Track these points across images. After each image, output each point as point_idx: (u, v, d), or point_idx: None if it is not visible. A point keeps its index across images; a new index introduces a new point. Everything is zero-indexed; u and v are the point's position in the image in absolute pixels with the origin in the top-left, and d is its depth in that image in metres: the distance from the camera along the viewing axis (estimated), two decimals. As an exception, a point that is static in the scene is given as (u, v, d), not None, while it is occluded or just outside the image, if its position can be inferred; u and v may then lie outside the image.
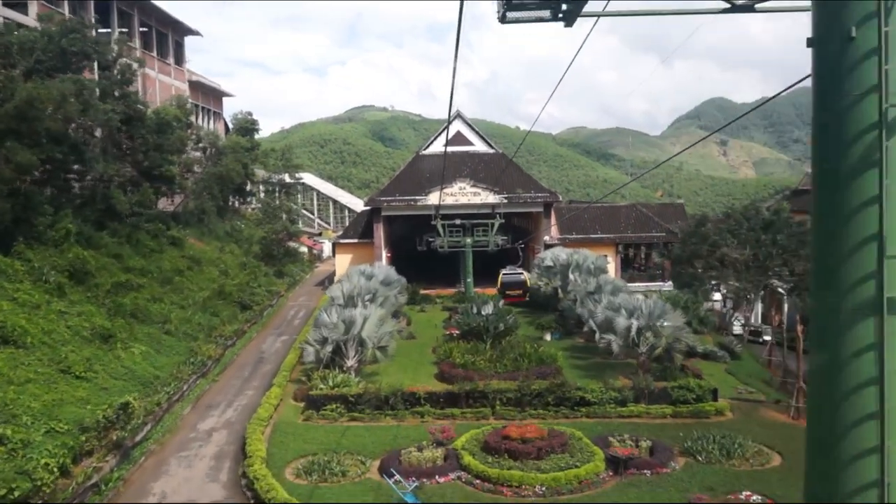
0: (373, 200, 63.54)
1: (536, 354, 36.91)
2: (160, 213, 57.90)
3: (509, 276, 53.68)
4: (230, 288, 51.83)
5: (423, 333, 46.48)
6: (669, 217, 68.95)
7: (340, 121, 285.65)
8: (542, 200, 62.40)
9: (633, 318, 34.86)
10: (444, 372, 35.54)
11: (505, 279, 53.57)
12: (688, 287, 55.05)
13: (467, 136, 68.07)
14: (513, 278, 53.26)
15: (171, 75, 73.69)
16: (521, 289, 52.53)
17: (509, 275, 53.92)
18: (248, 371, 39.09)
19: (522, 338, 42.07)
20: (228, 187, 74.37)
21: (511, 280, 53.09)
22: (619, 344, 34.85)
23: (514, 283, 52.92)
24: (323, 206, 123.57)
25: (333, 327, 33.91)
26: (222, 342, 42.28)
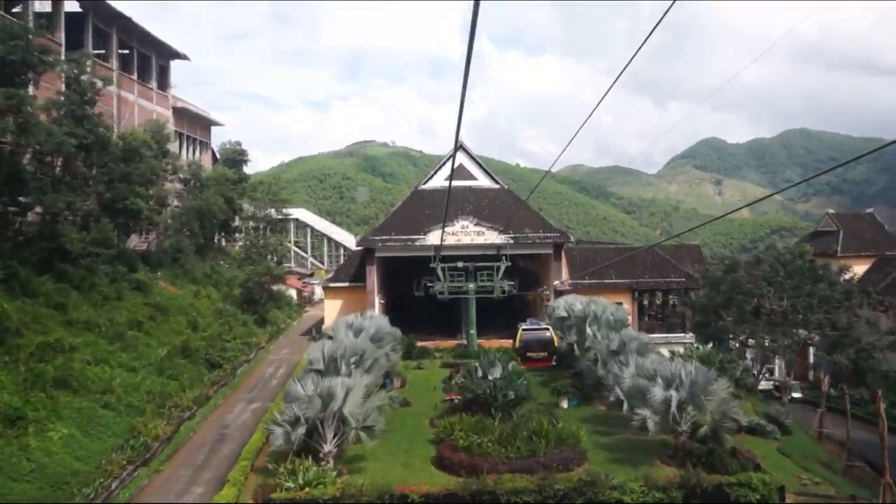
0: (366, 240, 57.18)
1: (555, 432, 30.27)
2: (126, 253, 51.68)
3: (531, 334, 43.04)
4: (197, 343, 45.36)
5: (419, 398, 39.94)
6: (684, 259, 62.91)
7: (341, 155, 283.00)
8: (551, 241, 56.17)
9: (671, 389, 28.41)
10: (443, 457, 28.89)
11: (526, 337, 42.98)
12: (715, 340, 48.86)
13: (470, 169, 61.86)
14: (536, 335, 42.61)
15: (152, 100, 67.68)
16: (546, 350, 42.02)
17: (531, 331, 43.31)
18: (203, 455, 32.32)
19: (535, 406, 35.55)
20: (211, 223, 68.29)
21: (534, 338, 42.44)
22: (655, 421, 28.34)
23: (537, 341, 42.27)
24: (317, 244, 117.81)
25: (308, 403, 27.36)
26: (177, 415, 35.63)
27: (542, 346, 41.71)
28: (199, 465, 30.91)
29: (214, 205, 64.33)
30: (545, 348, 41.54)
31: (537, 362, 41.19)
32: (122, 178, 46.81)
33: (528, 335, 42.80)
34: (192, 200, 65.37)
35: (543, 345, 41.70)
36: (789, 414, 36.86)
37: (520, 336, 42.96)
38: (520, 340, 42.73)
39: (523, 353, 41.56)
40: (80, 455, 27.38)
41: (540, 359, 41.40)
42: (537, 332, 42.80)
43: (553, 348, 41.76)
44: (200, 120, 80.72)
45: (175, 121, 73.29)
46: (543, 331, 42.51)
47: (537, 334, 42.67)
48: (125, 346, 39.21)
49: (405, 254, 56.87)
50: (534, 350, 41.59)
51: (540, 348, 41.65)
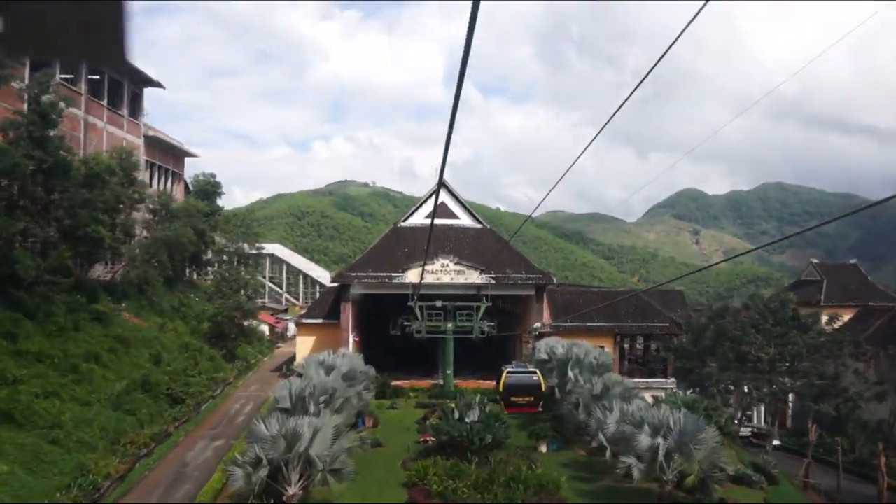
0: (341, 276, 55.35)
1: (534, 478, 28.49)
2: (87, 283, 49.59)
3: (517, 377, 37.65)
4: (159, 377, 43.22)
5: (392, 439, 37.98)
6: (668, 305, 61.45)
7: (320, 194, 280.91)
8: (534, 283, 54.61)
9: (658, 437, 26.75)
10: (416, 503, 26.95)
11: (511, 380, 37.47)
12: (697, 386, 47.39)
13: (452, 208, 60.31)
14: (522, 379, 37.40)
15: (123, 127, 65.76)
16: (532, 395, 37.03)
17: (517, 374, 37.89)
18: (157, 496, 30.01)
19: (513, 449, 33.69)
20: (181, 255, 66.18)
21: (520, 382, 37.22)
22: (640, 469, 26.66)
23: (523, 386, 37.17)
24: (293, 280, 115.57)
25: (272, 443, 25.35)
26: (132, 452, 33.41)
27: (529, 390, 36.93)
28: (154, 508, 28.75)
29: (184, 236, 62.27)
30: (532, 393, 36.73)
31: (522, 408, 36.90)
32: (83, 204, 44.70)
33: (513, 378, 37.53)
34: (160, 231, 63.36)
35: (530, 390, 36.88)
36: (775, 463, 35.29)
37: (504, 379, 37.51)
38: (504, 384, 37.48)
39: (507, 397, 36.92)
40: (20, 494, 25.17)
41: (525, 404, 36.64)
42: (523, 376, 37.67)
43: (540, 394, 37.11)
44: (173, 150, 78.83)
45: (147, 150, 71.31)
46: (530, 374, 37.64)
47: (523, 378, 37.57)
48: (79, 378, 37.14)
49: (382, 291, 55.00)
50: (519, 395, 36.92)
51: (526, 393, 36.92)
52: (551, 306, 56.40)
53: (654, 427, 27.14)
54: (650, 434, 26.97)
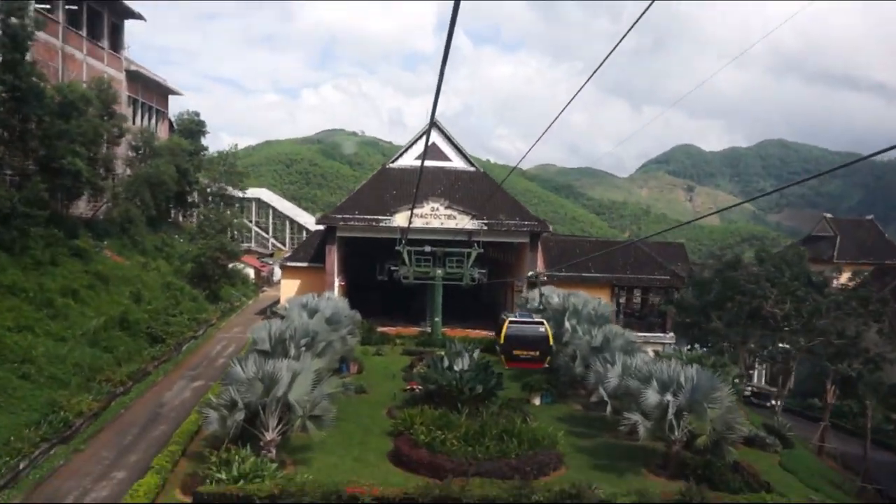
0: (327, 218, 53.35)
1: (529, 432, 26.99)
2: (67, 218, 47.85)
3: (521, 328, 31.15)
4: (138, 315, 41.56)
5: (377, 386, 36.59)
6: (669, 258, 59.75)
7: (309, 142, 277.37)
8: (528, 230, 52.71)
9: (668, 394, 25.13)
10: (401, 452, 25.46)
11: (514, 331, 31.04)
12: (699, 343, 45.83)
13: (444, 149, 58.15)
14: (527, 331, 31.08)
15: (103, 60, 63.08)
16: (538, 348, 30.92)
17: (521, 325, 31.35)
18: (132, 435, 28.42)
19: (505, 401, 32.18)
20: (164, 194, 64.15)
21: (524, 333, 30.94)
22: (646, 427, 25.08)
23: (528, 338, 30.91)
24: (279, 226, 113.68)
25: (248, 386, 23.77)
26: (108, 390, 31.79)
27: (534, 343, 30.93)
28: (125, 446, 27.05)
29: (165, 173, 60.25)
30: (538, 346, 30.82)
31: (526, 363, 31.40)
32: (59, 135, 42.74)
33: (516, 329, 31.08)
34: (142, 168, 61.30)
35: (536, 342, 30.90)
36: (789, 426, 33.53)
37: (505, 329, 31.05)
38: (505, 335, 31.03)
39: (509, 350, 30.80)
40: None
41: (530, 359, 30.85)
42: (528, 327, 31.35)
43: (547, 347, 30.99)
44: (157, 87, 76.17)
45: (129, 85, 68.82)
46: (536, 325, 31.42)
47: (528, 329, 31.25)
48: (54, 314, 35.42)
49: (369, 235, 53.18)
50: (523, 348, 30.80)
51: (531, 346, 30.92)
52: (546, 256, 54.72)
53: (662, 383, 25.54)
54: (658, 390, 25.39)
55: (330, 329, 33.60)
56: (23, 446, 23.92)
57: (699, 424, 24.72)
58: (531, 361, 30.63)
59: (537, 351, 30.13)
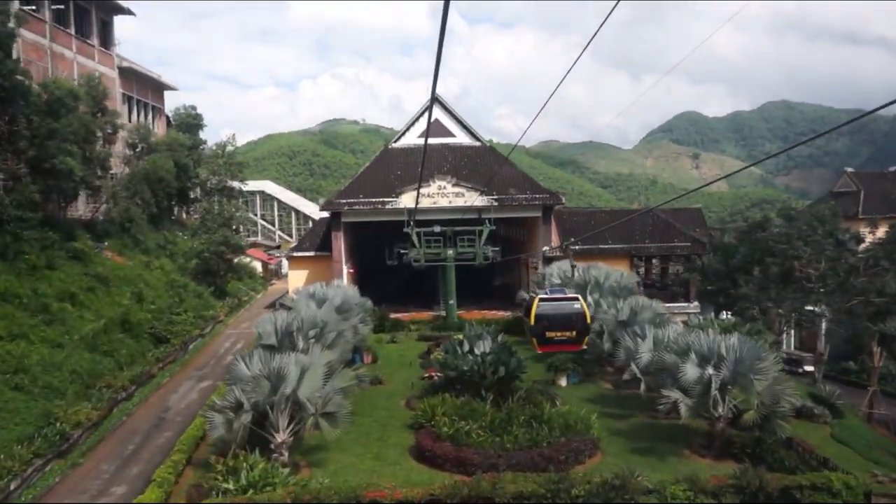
0: (331, 204, 51.32)
1: (559, 417, 25.03)
2: (64, 220, 46.27)
3: (554, 305, 27.20)
4: (141, 316, 39.78)
5: (393, 375, 34.85)
6: (686, 224, 57.57)
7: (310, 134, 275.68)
8: (540, 203, 50.58)
9: (709, 367, 23.11)
10: (424, 447, 23.51)
11: (545, 310, 27.00)
12: (727, 310, 43.74)
13: (447, 125, 56.01)
14: (561, 308, 27.11)
15: (94, 58, 61.08)
16: (574, 328, 26.88)
17: (553, 301, 27.44)
18: (134, 444, 26.64)
19: (530, 383, 30.31)
20: (164, 191, 62.33)
21: (558, 312, 26.94)
22: (688, 405, 23.07)
23: (563, 317, 26.88)
24: (285, 217, 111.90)
25: (254, 385, 21.91)
26: (109, 396, 29.98)
27: (570, 322, 27.07)
28: (126, 457, 25.27)
29: (163, 168, 58.35)
30: (574, 326, 27.00)
31: (562, 345, 27.62)
32: (49, 134, 40.98)
33: (548, 307, 27.12)
34: (139, 165, 59.51)
35: (572, 321, 27.02)
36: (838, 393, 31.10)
37: (536, 308, 27.04)
38: (536, 315, 26.98)
39: (541, 332, 26.95)
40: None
41: (566, 340, 27.06)
42: (562, 304, 27.40)
43: (585, 326, 27.11)
44: (151, 83, 74.17)
45: (123, 83, 66.94)
46: (571, 301, 27.55)
47: (562, 306, 27.32)
48: (50, 319, 33.51)
49: (375, 218, 51.28)
50: (557, 328, 26.91)
51: (566, 326, 27.05)
52: (559, 229, 52.67)
53: (702, 355, 23.43)
54: (697, 363, 23.36)
55: (340, 318, 31.70)
56: (13, 464, 22.06)
57: (745, 398, 22.75)
58: (567, 343, 27.01)
59: (573, 331, 26.40)
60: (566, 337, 26.58)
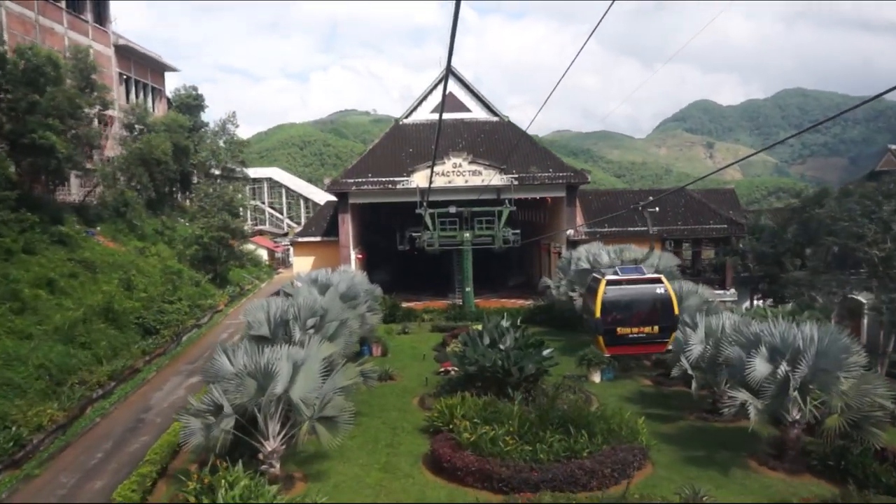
0: (337, 184, 47.62)
1: (601, 421, 21.08)
2: (51, 203, 43.17)
3: (626, 291, 20.33)
4: (127, 304, 36.19)
5: (405, 370, 31.34)
6: (719, 206, 53.68)
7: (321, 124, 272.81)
8: (564, 182, 46.76)
9: (782, 363, 19.22)
10: (441, 457, 19.70)
11: (614, 296, 20.13)
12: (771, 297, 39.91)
13: (463, 99, 52.28)
14: (637, 294, 20.32)
15: (87, 34, 57.61)
16: (658, 322, 20.14)
17: (625, 285, 20.37)
18: (103, 451, 22.89)
19: (560, 380, 26.56)
20: (164, 174, 58.85)
21: (633, 298, 20.27)
22: (758, 408, 19.17)
23: (641, 305, 20.21)
24: (293, 205, 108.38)
25: (237, 384, 18.20)
26: (81, 394, 26.32)
27: (651, 314, 19.94)
28: (91, 467, 21.52)
29: (159, 148, 54.73)
30: (656, 319, 19.90)
31: (640, 346, 20.58)
32: (29, 108, 37.58)
33: (619, 293, 20.00)
34: (134, 145, 56.04)
35: (653, 312, 19.94)
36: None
37: (602, 293, 19.93)
38: (602, 303, 19.86)
39: (609, 327, 19.91)
40: None
41: (645, 339, 20.10)
42: (640, 289, 20.15)
43: (672, 319, 20.13)
44: (150, 63, 70.74)
45: (120, 62, 63.66)
46: (651, 284, 20.20)
47: (639, 291, 20.12)
48: (21, 307, 30.00)
49: (385, 199, 47.68)
50: (633, 322, 19.89)
51: (646, 319, 19.93)
52: (584, 211, 48.84)
53: (774, 348, 19.51)
54: (768, 357, 19.44)
55: (345, 306, 28.00)
56: (-51, 480, 18.51)
57: (829, 400, 18.88)
58: (647, 343, 19.99)
59: (655, 326, 19.52)
60: (646, 334, 19.61)
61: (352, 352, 27.67)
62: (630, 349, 20.76)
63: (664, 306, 19.65)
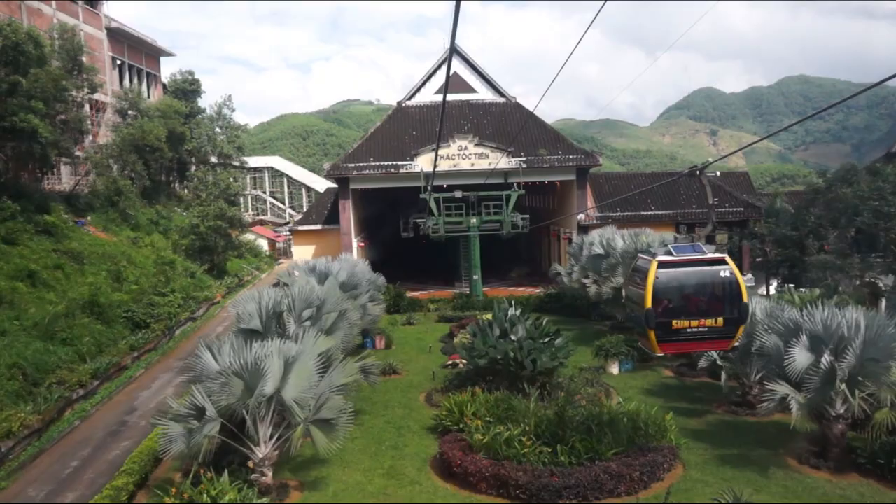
0: (338, 168, 45.73)
1: (626, 419, 19.08)
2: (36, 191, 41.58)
3: (681, 275, 15.53)
4: (115, 297, 34.34)
5: (410, 363, 29.61)
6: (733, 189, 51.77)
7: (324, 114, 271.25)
8: (574, 164, 44.81)
9: (825, 352, 17.29)
10: (450, 461, 17.83)
11: (667, 282, 15.41)
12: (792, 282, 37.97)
13: (468, 79, 50.33)
14: (697, 279, 15.58)
15: (77, 16, 55.61)
16: (722, 313, 15.49)
17: (680, 268, 15.52)
18: (80, 459, 20.88)
19: (576, 372, 24.72)
20: (159, 162, 56.98)
21: (691, 284, 15.61)
22: (800, 402, 17.24)
23: (698, 293, 15.67)
24: (295, 194, 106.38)
25: (222, 384, 16.31)
26: (60, 395, 24.41)
27: (715, 302, 15.72)
28: (65, 478, 19.55)
29: (151, 133, 52.75)
30: (721, 309, 15.64)
31: (700, 343, 16.31)
32: (10, 90, 35.70)
33: (673, 276, 15.54)
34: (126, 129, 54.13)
35: (717, 299, 15.74)
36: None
37: (653, 279, 15.39)
38: (653, 289, 15.36)
39: (663, 320, 15.45)
40: None
41: (706, 335, 15.64)
42: (699, 272, 15.61)
43: (741, 310, 15.63)
44: (145, 47, 68.91)
45: (113, 46, 61.79)
46: (714, 267, 15.61)
47: (700, 274, 15.62)
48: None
49: (388, 184, 45.78)
50: (691, 313, 15.58)
51: (706, 310, 15.64)
52: (595, 195, 46.90)
53: (815, 336, 17.56)
54: (809, 346, 17.50)
55: (345, 296, 26.13)
56: None
57: (878, 393, 16.98)
58: (709, 339, 15.62)
59: (719, 317, 15.23)
60: (707, 328, 15.26)
61: (353, 345, 25.85)
62: (688, 347, 16.34)
63: (730, 293, 15.35)
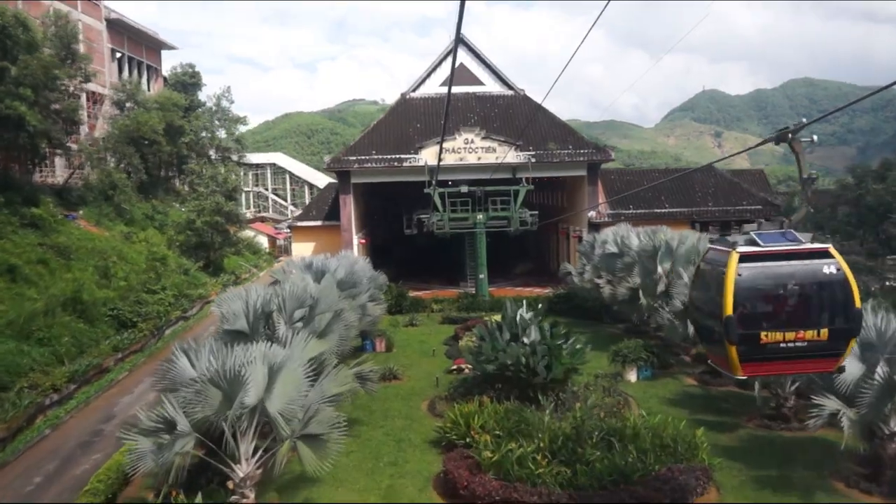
0: (339, 161, 43.83)
1: (651, 434, 17.12)
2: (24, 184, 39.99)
3: (770, 272, 9.45)
4: (97, 295, 32.45)
5: (412, 368, 27.71)
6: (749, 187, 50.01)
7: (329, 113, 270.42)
8: (585, 160, 42.94)
9: (880, 361, 15.33)
10: (456, 480, 15.81)
11: (751, 283, 9.38)
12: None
13: (475, 71, 48.44)
14: (791, 275, 9.45)
15: (76, 7, 53.76)
16: (823, 324, 9.46)
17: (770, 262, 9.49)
18: (44, 474, 18.84)
19: (592, 380, 22.76)
20: (156, 155, 55.17)
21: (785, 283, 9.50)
22: (851, 418, 15.29)
23: (796, 297, 9.54)
24: (297, 191, 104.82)
25: (197, 391, 14.36)
26: (31, 400, 22.47)
27: (815, 307, 9.62)
28: (25, 495, 17.54)
29: (146, 125, 50.92)
30: (824, 318, 9.60)
31: (797, 361, 9.82)
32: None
33: (760, 273, 9.48)
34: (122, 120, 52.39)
35: (818, 304, 9.63)
36: None
37: (734, 276, 9.38)
38: (737, 295, 9.36)
39: (750, 333, 9.47)
40: None
41: (805, 352, 9.62)
42: (795, 267, 9.52)
43: (855, 316, 9.59)
44: (145, 39, 67.16)
45: (112, 37, 60.11)
46: (814, 260, 9.57)
47: (795, 271, 9.51)
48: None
49: (391, 178, 43.98)
50: (785, 323, 9.53)
51: (804, 319, 9.57)
52: (606, 192, 45.01)
53: (864, 343, 15.51)
54: (858, 355, 15.51)
55: (343, 295, 24.26)
56: None
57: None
58: (809, 357, 9.81)
59: (822, 328, 9.60)
60: (807, 342, 9.73)
61: (350, 348, 23.88)
62: (780, 367, 10.39)
63: (838, 296, 9.79)
